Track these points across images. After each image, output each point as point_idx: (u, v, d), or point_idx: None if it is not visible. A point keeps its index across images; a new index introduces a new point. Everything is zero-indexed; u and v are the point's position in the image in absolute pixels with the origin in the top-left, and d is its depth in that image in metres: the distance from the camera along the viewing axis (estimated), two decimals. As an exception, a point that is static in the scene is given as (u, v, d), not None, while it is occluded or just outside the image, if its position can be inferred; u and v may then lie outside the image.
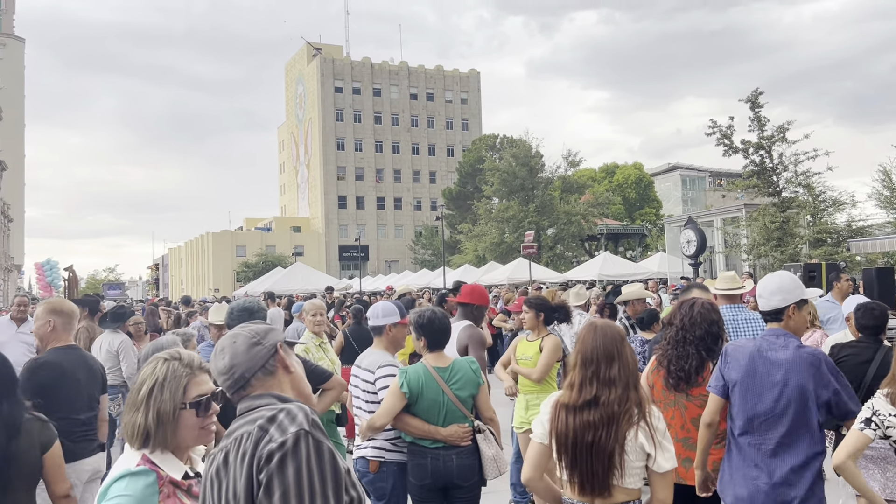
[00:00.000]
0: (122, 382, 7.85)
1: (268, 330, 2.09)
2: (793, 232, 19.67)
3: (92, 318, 8.69)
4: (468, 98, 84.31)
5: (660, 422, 2.83)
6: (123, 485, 2.12)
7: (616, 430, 2.76)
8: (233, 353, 2.01)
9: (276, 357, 2.03)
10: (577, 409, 2.82)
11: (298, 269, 35.33)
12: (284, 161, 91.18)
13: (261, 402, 1.93)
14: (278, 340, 2.07)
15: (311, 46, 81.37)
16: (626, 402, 2.78)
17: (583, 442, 2.78)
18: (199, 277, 78.73)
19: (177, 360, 2.27)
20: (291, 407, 1.83)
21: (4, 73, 71.60)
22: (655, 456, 2.75)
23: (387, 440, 4.07)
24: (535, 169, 42.63)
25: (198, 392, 2.24)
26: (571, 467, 2.81)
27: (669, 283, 19.96)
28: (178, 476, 2.21)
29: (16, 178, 68.80)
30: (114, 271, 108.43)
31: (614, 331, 2.94)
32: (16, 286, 68.51)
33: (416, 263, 62.07)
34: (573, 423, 2.81)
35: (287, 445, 1.72)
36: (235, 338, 2.05)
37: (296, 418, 1.78)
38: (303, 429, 1.75)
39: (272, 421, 1.79)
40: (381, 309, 4.32)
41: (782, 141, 19.92)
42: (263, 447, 1.74)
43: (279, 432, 1.75)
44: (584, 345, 2.90)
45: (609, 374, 2.83)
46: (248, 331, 2.07)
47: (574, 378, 2.89)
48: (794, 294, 3.35)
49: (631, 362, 2.88)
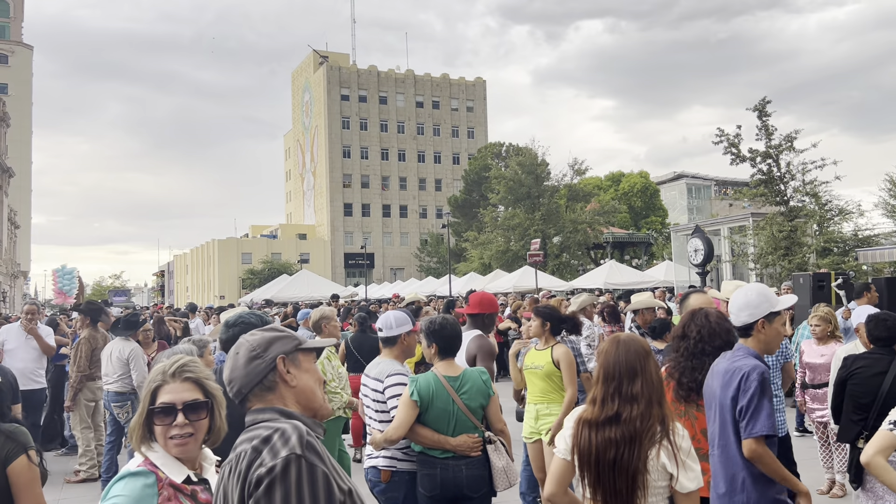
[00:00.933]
0: (131, 390, 7.82)
1: (273, 340, 1.99)
2: (800, 241, 19.60)
3: (94, 327, 8.64)
4: (474, 106, 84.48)
5: (684, 440, 2.77)
6: (122, 485, 2.17)
7: (638, 448, 2.70)
8: (233, 365, 1.98)
9: (275, 372, 1.94)
10: (599, 425, 2.78)
11: (304, 277, 35.37)
12: (290, 168, 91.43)
13: (263, 416, 1.89)
14: (281, 353, 1.97)
15: (317, 54, 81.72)
16: (649, 420, 2.72)
17: (605, 459, 2.73)
18: (205, 284, 78.86)
19: (159, 367, 2.34)
20: (287, 428, 1.78)
21: (13, 81, 72.04)
22: (678, 476, 2.69)
23: (399, 449, 4.05)
24: (541, 177, 42.66)
25: (162, 400, 2.26)
26: (595, 485, 2.77)
27: (676, 291, 19.90)
28: (178, 479, 2.23)
29: (23, 185, 69.12)
30: (119, 278, 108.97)
31: (638, 345, 2.87)
32: (22, 293, 68.73)
33: (421, 271, 62.10)
34: (595, 440, 2.76)
35: (276, 471, 1.68)
36: (239, 348, 2.01)
37: (288, 441, 1.74)
38: (294, 453, 1.71)
39: (266, 442, 1.76)
40: (394, 319, 4.29)
41: (790, 150, 19.88)
42: (254, 471, 1.72)
43: (270, 456, 1.72)
44: (606, 359, 2.85)
45: (631, 391, 2.77)
46: (250, 342, 2.00)
47: (596, 393, 2.85)
48: (762, 308, 3.31)
49: (655, 378, 2.80)
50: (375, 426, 4.15)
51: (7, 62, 72.16)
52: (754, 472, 3.16)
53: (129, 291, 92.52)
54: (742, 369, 3.21)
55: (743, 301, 3.36)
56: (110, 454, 7.88)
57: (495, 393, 4.14)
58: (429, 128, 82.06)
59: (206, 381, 2.34)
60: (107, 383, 7.86)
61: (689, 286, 15.73)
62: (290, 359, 1.99)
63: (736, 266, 22.16)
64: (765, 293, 3.38)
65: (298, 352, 2.02)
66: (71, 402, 8.27)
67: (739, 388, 3.17)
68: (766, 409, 3.11)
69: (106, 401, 7.95)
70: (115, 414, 7.88)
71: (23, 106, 70.80)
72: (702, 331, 3.71)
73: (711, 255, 16.48)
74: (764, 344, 3.33)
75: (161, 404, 2.26)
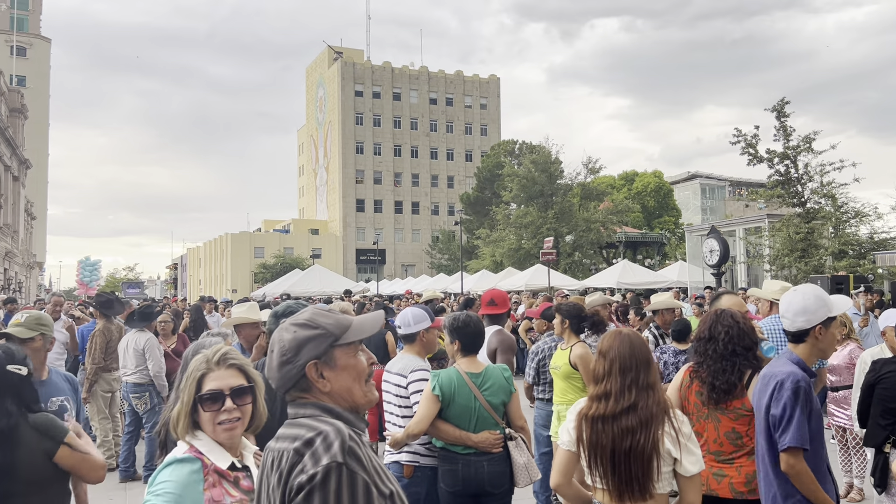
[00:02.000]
0: (148, 381, 7.89)
1: (305, 342, 1.86)
2: (817, 243, 19.46)
3: (108, 319, 8.69)
4: (488, 103, 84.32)
5: (684, 425, 2.85)
6: (169, 471, 2.21)
7: (654, 432, 2.80)
8: (269, 364, 1.93)
9: (306, 379, 1.86)
10: (615, 417, 2.83)
11: (316, 272, 35.42)
12: (304, 164, 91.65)
13: (304, 411, 1.85)
14: (312, 357, 1.85)
15: (332, 50, 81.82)
16: (662, 404, 2.85)
17: (621, 448, 2.79)
18: (218, 278, 79.23)
19: (202, 356, 2.38)
20: (329, 432, 1.74)
21: (30, 73, 72.54)
22: (681, 460, 2.78)
23: (422, 445, 4.06)
24: (554, 175, 42.50)
25: (209, 387, 2.31)
26: (608, 475, 2.82)
27: (690, 292, 19.82)
28: (223, 466, 2.27)
29: (39, 177, 69.61)
30: (133, 270, 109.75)
31: (641, 338, 3.01)
32: (37, 283, 69.34)
33: (432, 268, 62.13)
34: (612, 432, 2.81)
35: (316, 479, 1.67)
36: (273, 346, 1.92)
37: (330, 448, 1.71)
38: (335, 461, 1.69)
39: (308, 445, 1.73)
40: (412, 316, 4.29)
41: (808, 151, 19.73)
42: (295, 477, 1.70)
43: (311, 462, 1.70)
44: (620, 352, 2.91)
45: (648, 380, 2.88)
46: (281, 344, 1.89)
47: (610, 387, 2.89)
48: (819, 314, 3.20)
49: (657, 366, 3.05)
50: (398, 422, 4.16)
51: (25, 55, 72.68)
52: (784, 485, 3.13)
53: (143, 284, 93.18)
54: (777, 376, 3.15)
55: (800, 306, 3.24)
56: (128, 444, 7.95)
57: (516, 390, 4.14)
58: (442, 124, 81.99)
59: (248, 367, 2.38)
60: (125, 375, 7.93)
61: (705, 287, 15.65)
62: (324, 360, 1.87)
63: (751, 267, 22.04)
64: (822, 297, 3.26)
65: (334, 349, 1.88)
66: (87, 393, 8.33)
67: (772, 397, 3.13)
68: (797, 419, 3.03)
69: (125, 392, 8.02)
70: (133, 405, 7.94)
71: (40, 98, 71.27)
72: (731, 331, 3.65)
73: (727, 256, 16.40)
74: (820, 351, 3.26)
75: (209, 391, 2.31)
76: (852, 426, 6.49)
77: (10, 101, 52.35)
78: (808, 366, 3.26)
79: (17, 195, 53.66)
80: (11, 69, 62.92)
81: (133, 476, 7.85)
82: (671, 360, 6.06)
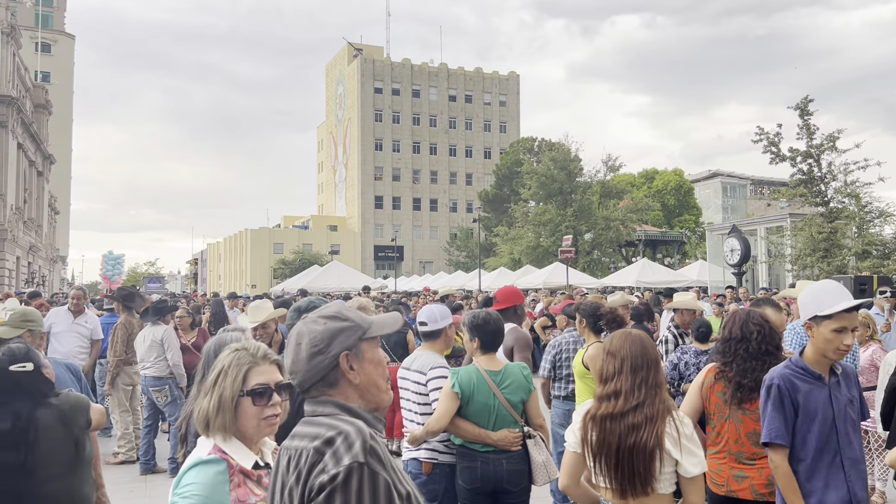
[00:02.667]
0: (167, 374, 7.93)
1: (336, 333, 1.88)
2: (840, 243, 19.21)
3: (129, 312, 8.78)
4: (507, 100, 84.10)
5: (685, 426, 2.88)
6: (195, 473, 2.18)
7: (657, 428, 2.85)
8: (295, 357, 1.90)
9: (337, 369, 1.86)
10: (623, 415, 2.88)
11: (334, 268, 35.57)
12: (323, 160, 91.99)
13: (323, 409, 1.85)
14: (344, 348, 1.87)
15: (351, 47, 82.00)
16: (666, 403, 2.91)
17: (625, 445, 2.85)
18: (237, 273, 79.80)
19: (244, 350, 2.34)
20: (350, 431, 1.73)
21: (55, 69, 73.39)
22: (681, 461, 2.81)
23: (440, 442, 4.06)
24: (573, 173, 42.33)
25: (258, 381, 2.27)
26: (612, 473, 2.88)
27: (711, 291, 19.64)
28: (248, 465, 2.25)
29: (63, 172, 70.44)
30: (154, 265, 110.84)
31: (650, 338, 3.06)
32: (60, 277, 70.25)
33: (450, 265, 62.12)
34: (618, 430, 2.87)
35: (338, 480, 1.66)
36: (301, 339, 1.89)
37: (352, 447, 1.70)
38: (356, 461, 1.68)
39: (329, 444, 1.72)
40: (439, 312, 4.27)
41: (832, 150, 19.48)
42: (316, 477, 1.69)
43: (333, 462, 1.69)
44: (631, 351, 2.95)
45: (657, 380, 2.93)
46: (312, 335, 1.88)
47: (620, 385, 2.92)
48: (807, 310, 3.28)
49: (662, 368, 3.06)
50: (416, 419, 4.16)
51: (50, 51, 73.54)
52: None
53: (163, 278, 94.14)
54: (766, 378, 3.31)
55: (800, 302, 3.34)
56: (148, 437, 8.02)
57: (535, 388, 4.13)
58: (461, 121, 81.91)
59: (282, 364, 2.38)
60: (143, 368, 8.00)
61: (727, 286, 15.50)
62: (354, 352, 1.89)
63: (772, 267, 21.81)
64: (814, 293, 3.26)
65: (362, 342, 1.91)
66: (109, 385, 8.43)
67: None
68: (767, 416, 3.18)
69: (144, 385, 8.09)
70: (153, 398, 8.01)
71: (64, 94, 72.12)
72: (762, 330, 3.66)
73: (748, 256, 16.25)
74: (818, 350, 3.22)
75: (258, 384, 2.29)
76: (875, 428, 6.41)
77: (34, 97, 53.04)
78: (810, 365, 3.22)
79: (41, 190, 54.39)
80: (36, 65, 63.69)
81: (153, 469, 7.91)
82: (692, 360, 5.98)
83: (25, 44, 53.02)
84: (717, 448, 3.68)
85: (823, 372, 3.24)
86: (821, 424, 3.15)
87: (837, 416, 3.18)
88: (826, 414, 3.16)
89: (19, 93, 44.45)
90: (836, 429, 3.17)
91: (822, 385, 3.22)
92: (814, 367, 3.22)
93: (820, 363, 3.23)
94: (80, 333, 8.91)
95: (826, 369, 3.25)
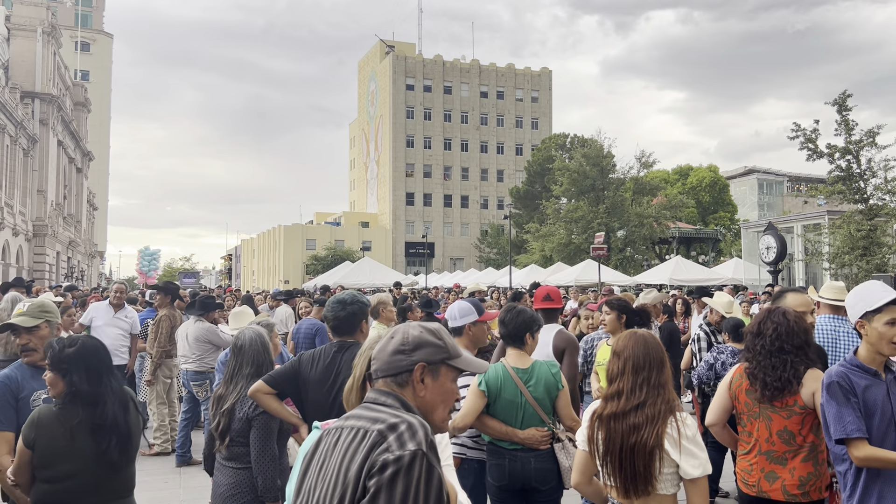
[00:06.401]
0: (209, 369, 7.95)
1: (424, 343, 1.97)
2: (880, 241, 18.78)
3: (172, 306, 8.95)
4: (539, 97, 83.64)
5: (687, 427, 2.89)
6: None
7: (657, 428, 2.87)
8: (383, 347, 1.99)
9: (410, 374, 1.94)
10: (625, 414, 2.93)
11: (366, 264, 35.72)
12: (355, 157, 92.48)
13: (385, 399, 1.90)
14: (424, 360, 1.95)
15: (384, 44, 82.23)
16: (669, 403, 2.92)
17: (627, 444, 2.89)
18: (271, 269, 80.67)
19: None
20: (414, 422, 1.78)
21: (94, 68, 74.87)
22: (680, 462, 2.83)
23: (469, 437, 4.07)
24: (606, 169, 41.92)
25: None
26: (616, 472, 2.92)
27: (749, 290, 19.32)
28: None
29: (101, 169, 71.87)
30: (189, 260, 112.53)
31: (656, 338, 3.08)
32: (98, 271, 71.71)
33: (480, 262, 62.03)
34: (621, 429, 2.92)
35: (403, 462, 1.69)
36: (395, 334, 2.01)
37: (416, 435, 1.74)
38: (421, 449, 1.71)
39: (393, 429, 1.75)
40: (458, 310, 4.28)
41: (872, 145, 19.04)
42: (379, 454, 1.71)
43: (398, 444, 1.72)
44: (635, 352, 2.99)
45: (661, 379, 2.95)
46: (405, 335, 1.99)
47: (623, 385, 2.98)
48: (856, 309, 3.25)
49: (671, 367, 3.05)
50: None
51: (89, 50, 75.03)
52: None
53: (199, 274, 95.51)
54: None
55: (848, 302, 3.33)
56: (185, 430, 8.12)
57: (565, 386, 4.10)
58: (493, 118, 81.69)
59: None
60: (185, 363, 8.08)
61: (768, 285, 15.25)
62: (431, 369, 1.97)
63: (809, 265, 21.41)
64: (862, 291, 3.29)
65: (443, 365, 1.99)
66: (151, 376, 8.56)
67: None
68: (834, 412, 3.14)
69: (185, 379, 8.20)
70: (194, 392, 8.10)
71: (102, 92, 73.56)
72: (779, 328, 3.59)
73: (784, 254, 15.95)
74: (872, 347, 3.24)
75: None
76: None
77: (74, 95, 54.19)
78: (865, 363, 3.23)
79: (80, 186, 55.55)
80: (76, 64, 65.06)
81: (189, 461, 8.00)
82: (729, 360, 5.90)
83: (65, 43, 54.16)
84: (747, 448, 3.64)
85: (879, 369, 3.26)
86: (880, 421, 3.14)
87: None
88: (885, 410, 3.16)
89: (60, 91, 45.45)
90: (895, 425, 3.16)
91: (880, 381, 3.23)
92: (869, 365, 3.24)
93: (875, 360, 3.25)
94: (120, 328, 9.09)
95: (881, 366, 3.26)
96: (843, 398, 3.13)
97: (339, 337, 3.74)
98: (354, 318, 3.76)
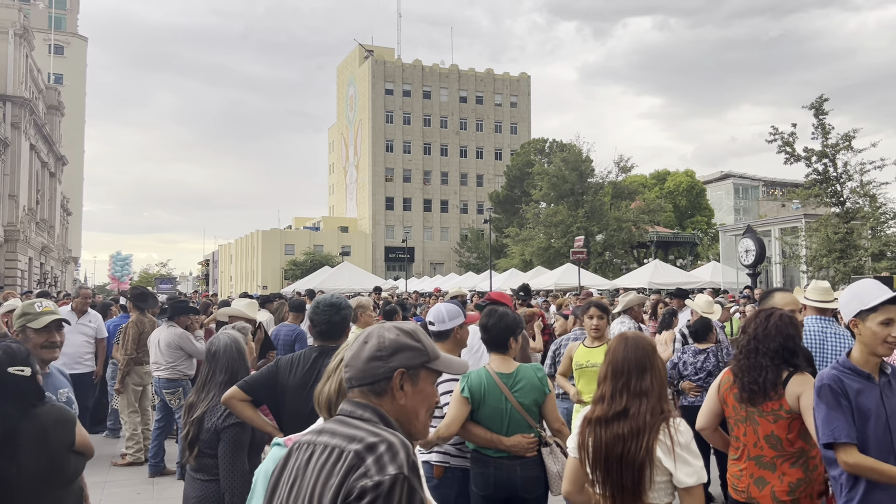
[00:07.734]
0: (181, 376, 7.81)
1: (402, 348, 1.84)
2: (856, 244, 18.98)
3: (141, 312, 8.71)
4: (518, 102, 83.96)
5: (681, 435, 2.79)
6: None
7: (645, 441, 2.75)
8: (356, 353, 1.85)
9: (388, 382, 1.81)
10: (608, 421, 2.83)
11: (345, 269, 35.55)
12: (334, 162, 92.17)
13: (362, 413, 1.78)
14: (403, 365, 1.82)
15: (363, 49, 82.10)
16: (660, 414, 2.79)
17: (613, 455, 2.79)
18: (248, 274, 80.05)
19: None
20: (395, 441, 1.67)
21: (67, 71, 73.85)
22: (674, 471, 2.72)
23: (452, 445, 3.95)
24: (585, 174, 42.17)
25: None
26: (605, 481, 2.82)
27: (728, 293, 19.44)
28: None
29: (75, 174, 70.84)
30: (166, 266, 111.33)
31: (645, 342, 2.93)
32: (72, 278, 70.70)
33: (461, 266, 62.07)
34: (604, 436, 2.82)
35: (383, 488, 1.58)
36: (370, 338, 1.87)
37: (397, 457, 1.63)
38: (402, 472, 1.60)
39: (371, 450, 1.64)
40: (447, 312, 4.13)
41: (848, 149, 19.26)
42: (356, 480, 1.61)
43: (377, 468, 1.61)
44: (614, 356, 2.91)
45: (641, 386, 2.82)
46: (380, 339, 1.85)
47: (605, 390, 2.90)
48: (850, 307, 3.18)
49: (662, 374, 2.89)
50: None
51: (63, 53, 74.02)
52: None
53: (175, 279, 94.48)
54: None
55: (841, 302, 3.26)
56: (158, 439, 7.93)
57: (551, 391, 4.00)
58: (472, 123, 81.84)
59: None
60: (157, 370, 7.89)
61: (745, 287, 15.31)
62: (411, 374, 1.85)
63: (787, 268, 21.60)
64: (857, 289, 3.22)
65: (423, 369, 1.87)
66: (120, 384, 8.36)
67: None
68: (824, 416, 3.06)
69: (157, 387, 8.00)
70: (167, 400, 7.90)
71: (77, 96, 72.58)
72: (757, 330, 3.54)
73: (763, 256, 16.07)
74: (866, 347, 3.16)
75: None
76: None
77: (47, 98, 53.38)
78: (859, 365, 3.15)
79: (53, 191, 54.71)
80: (49, 67, 64.08)
81: (162, 471, 7.81)
82: (690, 359, 6.13)
83: (38, 45, 53.37)
84: (737, 453, 3.57)
85: (873, 371, 3.16)
86: (875, 425, 3.05)
87: (891, 415, 3.07)
88: (879, 414, 3.07)
89: (32, 94, 44.73)
90: (891, 429, 3.06)
91: (873, 385, 3.13)
92: (863, 367, 3.15)
93: (869, 362, 3.16)
94: (84, 333, 8.88)
95: (875, 369, 3.17)
96: (833, 402, 3.05)
97: (323, 341, 3.61)
98: (345, 323, 3.69)
